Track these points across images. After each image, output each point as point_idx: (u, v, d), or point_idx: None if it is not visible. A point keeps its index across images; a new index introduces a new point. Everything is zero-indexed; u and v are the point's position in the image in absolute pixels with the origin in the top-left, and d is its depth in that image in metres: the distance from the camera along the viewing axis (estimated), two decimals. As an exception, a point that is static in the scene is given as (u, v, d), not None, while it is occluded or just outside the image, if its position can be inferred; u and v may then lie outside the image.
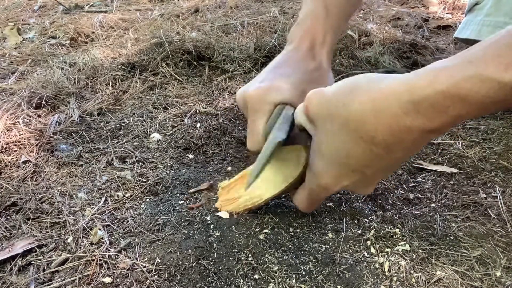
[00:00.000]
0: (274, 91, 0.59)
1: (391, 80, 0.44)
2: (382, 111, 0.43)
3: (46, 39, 1.40)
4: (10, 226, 0.63)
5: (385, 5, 1.54)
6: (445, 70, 0.40)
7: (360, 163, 0.48)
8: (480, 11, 0.88)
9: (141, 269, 0.54)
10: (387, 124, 0.43)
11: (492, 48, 0.38)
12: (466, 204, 0.65)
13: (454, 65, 0.39)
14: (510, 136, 0.81)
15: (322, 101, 0.49)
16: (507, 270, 0.54)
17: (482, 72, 0.37)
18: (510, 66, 0.36)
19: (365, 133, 0.45)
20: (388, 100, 0.43)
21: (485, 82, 0.37)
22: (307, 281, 0.52)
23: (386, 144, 0.45)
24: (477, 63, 0.38)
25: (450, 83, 0.39)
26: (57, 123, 0.88)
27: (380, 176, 0.51)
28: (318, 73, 0.65)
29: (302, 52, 0.66)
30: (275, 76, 0.61)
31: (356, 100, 0.45)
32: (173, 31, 1.29)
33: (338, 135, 0.48)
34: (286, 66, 0.64)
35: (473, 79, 0.37)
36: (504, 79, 0.36)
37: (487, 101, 0.38)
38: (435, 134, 0.44)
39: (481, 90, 0.37)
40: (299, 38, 0.67)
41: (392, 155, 0.46)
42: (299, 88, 0.60)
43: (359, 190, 0.53)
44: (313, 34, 0.66)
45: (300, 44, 0.66)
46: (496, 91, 0.37)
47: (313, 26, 0.66)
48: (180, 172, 0.73)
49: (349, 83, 0.48)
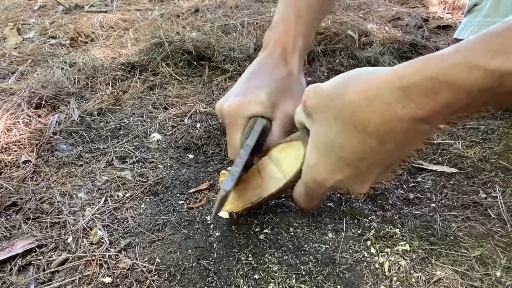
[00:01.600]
0: (246, 106, 0.62)
1: (384, 70, 0.45)
2: (374, 99, 0.44)
3: (46, 39, 1.40)
4: (10, 226, 0.63)
5: (385, 5, 1.54)
6: (434, 58, 0.41)
7: (354, 156, 0.48)
8: (479, 12, 0.89)
9: (141, 269, 0.54)
10: (379, 112, 0.44)
11: (481, 38, 0.39)
12: (466, 204, 0.65)
13: (443, 53, 0.40)
14: (510, 136, 0.81)
15: (319, 94, 0.50)
16: (507, 270, 0.54)
17: (469, 59, 0.38)
18: (496, 53, 0.36)
19: (358, 122, 0.46)
20: (380, 88, 0.44)
21: (472, 68, 0.37)
22: (307, 281, 0.52)
23: (379, 134, 0.45)
24: (465, 51, 0.38)
25: (438, 69, 0.39)
26: (57, 123, 0.88)
27: (374, 172, 0.50)
28: (289, 79, 0.67)
29: (274, 59, 0.68)
30: (248, 89, 0.65)
31: (350, 90, 0.47)
32: (173, 31, 1.29)
33: (333, 126, 0.48)
34: (259, 76, 0.67)
35: (460, 66, 0.38)
36: (490, 66, 0.36)
37: (475, 89, 0.38)
38: (426, 124, 0.44)
39: (469, 77, 0.38)
40: (271, 45, 0.69)
41: (385, 147, 0.46)
42: (270, 100, 0.63)
43: (354, 187, 0.52)
44: (284, 40, 0.69)
45: (272, 51, 0.69)
46: (483, 78, 0.37)
47: (285, 32, 0.69)
48: (180, 172, 0.73)
49: (344, 75, 0.50)
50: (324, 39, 1.18)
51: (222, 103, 0.65)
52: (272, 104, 0.63)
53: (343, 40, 1.18)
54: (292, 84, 0.67)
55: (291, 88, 0.67)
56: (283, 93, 0.65)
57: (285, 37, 0.69)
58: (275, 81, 0.65)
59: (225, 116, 0.64)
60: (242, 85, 0.66)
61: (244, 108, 0.62)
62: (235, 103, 0.63)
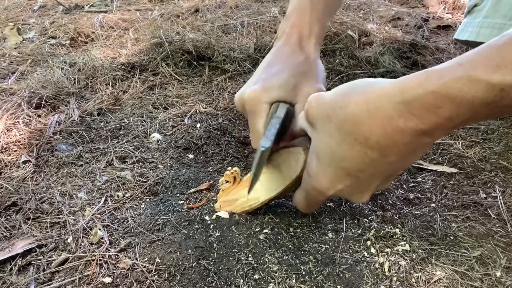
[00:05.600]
0: (268, 92, 0.62)
1: (385, 82, 0.45)
2: (376, 112, 0.44)
3: (46, 39, 1.40)
4: (10, 226, 0.63)
5: (385, 5, 1.54)
6: (436, 72, 0.40)
7: (355, 167, 0.48)
8: (479, 13, 0.89)
9: (141, 269, 0.54)
10: (381, 125, 0.44)
11: (483, 51, 0.38)
12: (466, 204, 0.66)
13: (445, 67, 0.40)
14: (510, 136, 0.81)
15: (321, 104, 0.50)
16: (507, 270, 0.54)
17: (471, 73, 0.38)
18: (498, 67, 0.36)
19: (360, 134, 0.45)
20: (382, 101, 0.44)
21: (474, 82, 0.37)
22: (307, 281, 0.52)
23: (380, 147, 0.45)
24: (467, 65, 0.38)
25: (440, 83, 0.39)
26: (57, 123, 0.88)
27: (375, 182, 0.50)
28: (307, 64, 0.67)
29: (291, 46, 0.68)
30: (267, 76, 0.64)
31: (352, 101, 0.46)
32: (173, 31, 1.29)
33: (334, 137, 0.48)
34: (277, 64, 0.67)
35: (462, 80, 0.38)
36: (492, 80, 0.36)
37: (477, 102, 0.38)
38: (428, 137, 0.43)
39: (470, 90, 0.38)
40: (287, 33, 0.69)
41: (386, 159, 0.46)
42: (291, 84, 0.63)
43: (354, 197, 0.52)
44: (299, 27, 0.69)
45: (288, 39, 0.69)
46: (484, 92, 0.37)
47: (300, 20, 0.69)
48: (180, 172, 0.73)
49: (347, 86, 0.49)
50: (324, 39, 1.17)
51: (242, 91, 0.65)
52: (294, 87, 0.63)
53: (343, 40, 1.18)
54: (311, 68, 0.67)
55: (311, 71, 0.67)
56: (303, 77, 0.64)
57: (300, 24, 0.69)
58: (294, 66, 0.65)
59: (246, 104, 0.63)
60: (260, 74, 0.66)
61: (266, 94, 0.62)
62: (256, 90, 0.62)
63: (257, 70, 0.68)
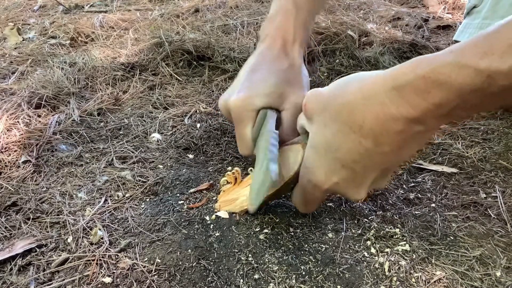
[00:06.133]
0: (254, 99, 0.62)
1: (379, 71, 0.46)
2: (370, 99, 0.45)
3: (46, 39, 1.40)
4: (10, 226, 0.63)
5: (385, 5, 1.54)
6: (427, 58, 0.42)
7: (350, 157, 0.48)
8: (478, 14, 0.89)
9: (141, 269, 0.54)
10: (374, 113, 0.45)
11: (473, 39, 0.40)
12: (466, 204, 0.66)
13: (436, 54, 0.41)
14: (510, 136, 0.81)
15: (319, 97, 0.51)
16: (507, 270, 0.54)
17: (459, 59, 0.39)
18: (486, 54, 0.37)
19: (354, 123, 0.46)
20: (375, 88, 0.45)
21: (462, 68, 0.38)
22: (307, 281, 0.52)
23: (374, 135, 0.45)
24: (456, 51, 0.40)
25: (430, 68, 0.40)
26: (57, 123, 0.88)
27: (370, 176, 0.50)
28: (292, 71, 0.67)
29: (275, 51, 0.67)
30: (252, 82, 0.64)
31: (348, 91, 0.48)
32: (173, 31, 1.29)
33: (330, 127, 0.49)
34: (261, 69, 0.66)
35: (451, 66, 0.39)
36: (479, 66, 0.37)
37: (465, 89, 0.39)
38: (420, 125, 0.44)
39: (459, 76, 0.39)
40: (271, 37, 0.69)
41: (380, 149, 0.46)
42: (277, 91, 0.63)
43: (350, 193, 0.52)
44: (284, 31, 0.68)
45: (273, 43, 0.68)
46: (472, 78, 0.38)
47: (284, 23, 0.68)
48: (180, 172, 0.73)
49: (343, 79, 0.51)
50: (324, 39, 1.18)
51: (226, 98, 0.64)
52: (280, 95, 0.63)
53: (343, 40, 1.18)
54: (296, 76, 0.67)
55: (296, 78, 0.67)
56: (289, 85, 0.64)
57: (284, 29, 0.68)
58: (279, 73, 0.65)
59: (232, 111, 0.63)
60: (245, 79, 0.65)
61: (252, 101, 0.62)
62: (241, 97, 0.62)
63: (240, 74, 0.67)
